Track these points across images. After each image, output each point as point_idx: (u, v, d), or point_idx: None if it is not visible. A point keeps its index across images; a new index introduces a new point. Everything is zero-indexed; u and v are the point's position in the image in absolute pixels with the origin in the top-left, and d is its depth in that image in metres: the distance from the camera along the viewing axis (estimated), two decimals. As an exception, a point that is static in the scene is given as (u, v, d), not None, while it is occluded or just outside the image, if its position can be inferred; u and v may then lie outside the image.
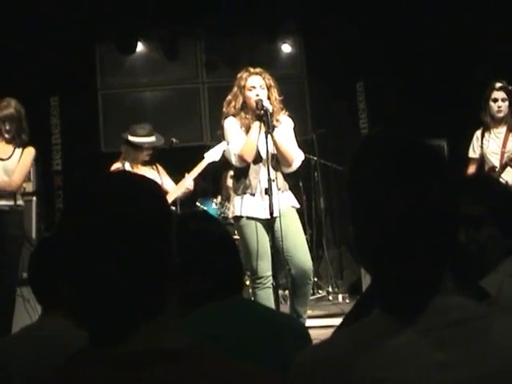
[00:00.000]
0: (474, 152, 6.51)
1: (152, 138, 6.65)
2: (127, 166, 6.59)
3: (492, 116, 6.31)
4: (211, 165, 6.76)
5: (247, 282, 6.88)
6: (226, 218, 8.07)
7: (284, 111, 5.93)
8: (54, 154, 9.96)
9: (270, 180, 5.53)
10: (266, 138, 5.53)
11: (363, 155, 1.57)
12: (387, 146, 1.55)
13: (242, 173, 5.83)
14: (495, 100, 6.23)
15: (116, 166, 6.68)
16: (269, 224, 5.57)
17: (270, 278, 5.65)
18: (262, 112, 5.59)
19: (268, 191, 5.50)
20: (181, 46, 10.47)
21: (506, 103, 6.22)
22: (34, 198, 8.30)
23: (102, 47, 10.47)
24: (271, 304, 5.50)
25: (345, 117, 10.10)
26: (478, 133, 6.47)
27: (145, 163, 6.68)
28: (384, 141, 1.57)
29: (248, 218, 5.75)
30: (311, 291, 7.89)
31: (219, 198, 8.98)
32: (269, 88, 5.83)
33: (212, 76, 10.61)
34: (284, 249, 5.71)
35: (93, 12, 9.49)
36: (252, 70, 5.90)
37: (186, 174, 6.72)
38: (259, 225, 5.67)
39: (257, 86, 5.79)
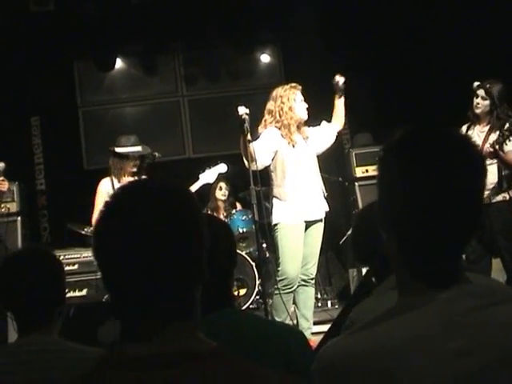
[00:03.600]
0: None
1: (138, 148, 6.64)
2: (115, 181, 6.57)
3: (472, 111, 6.33)
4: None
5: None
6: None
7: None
8: (37, 173, 9.94)
9: (252, 189, 5.64)
10: (247, 145, 5.67)
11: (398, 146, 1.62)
12: (421, 136, 1.61)
13: (281, 179, 6.02)
14: (477, 96, 6.25)
15: (104, 180, 6.65)
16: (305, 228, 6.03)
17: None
18: (240, 120, 5.71)
19: (253, 200, 5.64)
20: (159, 60, 10.48)
21: (486, 102, 6.20)
22: (19, 218, 8.29)
23: (80, 65, 10.45)
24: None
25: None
26: (464, 127, 6.45)
27: (133, 174, 6.65)
28: (416, 132, 1.62)
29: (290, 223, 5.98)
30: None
31: (206, 210, 9.00)
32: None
33: (192, 89, 10.63)
34: (306, 254, 6.00)
35: (70, 30, 9.49)
36: (294, 85, 6.30)
37: None
38: (300, 229, 5.98)
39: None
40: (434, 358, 1.43)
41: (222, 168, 6.76)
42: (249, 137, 5.72)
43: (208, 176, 6.68)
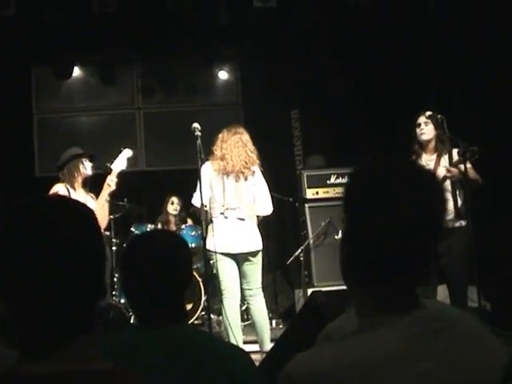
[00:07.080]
0: None
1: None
2: (67, 189, 6.61)
3: (419, 142, 6.45)
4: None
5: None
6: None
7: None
8: (-14, 178, 9.83)
9: (202, 206, 5.82)
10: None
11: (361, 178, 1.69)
12: (387, 170, 1.67)
13: None
14: (418, 125, 6.40)
15: (56, 187, 6.66)
16: None
17: None
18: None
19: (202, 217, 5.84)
20: (117, 71, 10.47)
21: (430, 126, 6.36)
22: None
23: (38, 71, 10.41)
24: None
25: (280, 144, 10.19)
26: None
27: (82, 186, 6.71)
28: (382, 167, 1.68)
29: None
30: (244, 317, 8.05)
31: (156, 223, 9.00)
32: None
33: (148, 102, 10.65)
34: None
35: (29, 36, 9.43)
36: (234, 130, 6.65)
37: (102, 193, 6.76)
38: None
39: None
40: (399, 379, 1.48)
41: (127, 153, 6.86)
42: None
43: (118, 164, 6.74)
